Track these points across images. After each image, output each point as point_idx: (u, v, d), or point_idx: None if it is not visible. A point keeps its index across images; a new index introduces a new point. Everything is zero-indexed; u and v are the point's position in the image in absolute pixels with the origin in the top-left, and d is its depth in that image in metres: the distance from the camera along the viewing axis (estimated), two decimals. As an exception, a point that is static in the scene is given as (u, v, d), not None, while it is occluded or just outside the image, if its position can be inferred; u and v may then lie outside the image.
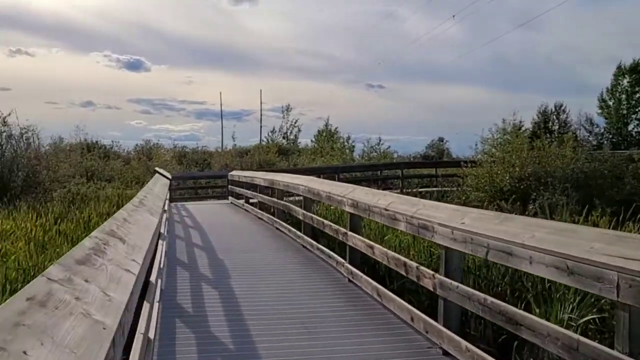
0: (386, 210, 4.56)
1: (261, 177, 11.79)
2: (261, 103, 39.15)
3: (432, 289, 3.78)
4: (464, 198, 15.02)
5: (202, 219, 12.06)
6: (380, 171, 20.18)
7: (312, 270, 6.42)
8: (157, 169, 8.24)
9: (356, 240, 5.40)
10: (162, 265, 5.18)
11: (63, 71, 46.03)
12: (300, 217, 7.97)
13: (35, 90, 46.49)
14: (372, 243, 5.05)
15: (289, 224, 9.36)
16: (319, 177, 18.09)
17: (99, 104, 48.07)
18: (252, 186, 13.58)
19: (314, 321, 4.48)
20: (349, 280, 5.69)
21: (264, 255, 7.51)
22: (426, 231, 3.85)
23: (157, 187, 6.96)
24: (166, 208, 6.85)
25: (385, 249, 4.68)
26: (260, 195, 11.79)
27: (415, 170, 21.17)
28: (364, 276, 5.20)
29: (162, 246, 5.33)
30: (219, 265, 6.70)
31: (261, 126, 38.68)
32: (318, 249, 7.04)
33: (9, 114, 15.77)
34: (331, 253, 6.47)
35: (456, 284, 3.46)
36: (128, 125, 50.30)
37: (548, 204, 11.06)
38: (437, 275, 3.70)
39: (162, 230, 5.86)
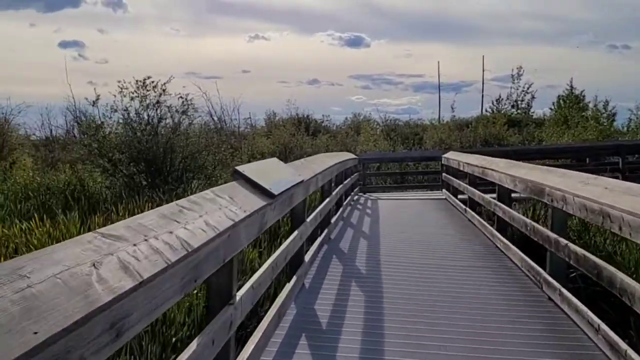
0: None
1: (503, 171, 6.07)
2: (483, 70, 31.88)
3: None
4: None
5: (386, 234, 7.10)
6: None
7: None
8: (239, 168, 3.07)
9: None
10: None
11: (292, 52, 47.44)
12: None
13: (270, 71, 48.90)
14: None
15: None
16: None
17: (323, 81, 48.08)
18: (482, 179, 7.93)
19: None
20: None
21: None
22: None
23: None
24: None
25: None
26: (512, 213, 6.03)
27: None
28: None
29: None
30: None
31: (483, 96, 31.54)
32: None
33: (168, 81, 12.57)
34: None
35: None
36: (348, 101, 49.62)
37: None
38: None
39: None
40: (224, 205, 2.44)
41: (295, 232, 4.24)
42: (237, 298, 2.49)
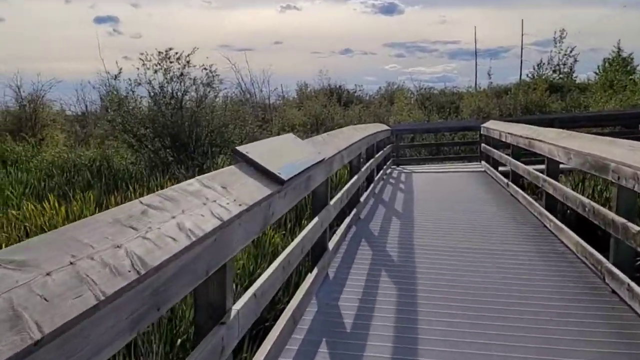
0: None
1: (554, 143, 5.36)
2: (522, 35, 29.94)
3: None
4: None
5: (421, 213, 6.61)
6: None
7: None
8: (240, 148, 2.58)
9: None
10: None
11: (324, 21, 46.20)
12: None
13: (302, 42, 47.92)
14: None
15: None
16: None
17: (357, 51, 46.49)
18: (526, 151, 7.23)
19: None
20: None
21: None
22: None
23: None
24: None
25: None
26: (565, 190, 5.36)
27: None
28: None
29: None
30: None
31: (522, 61, 29.76)
32: None
33: (192, 52, 12.05)
34: None
35: None
36: (382, 70, 48.17)
37: None
38: None
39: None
40: (211, 198, 1.91)
41: (316, 219, 3.70)
42: (233, 313, 1.98)
